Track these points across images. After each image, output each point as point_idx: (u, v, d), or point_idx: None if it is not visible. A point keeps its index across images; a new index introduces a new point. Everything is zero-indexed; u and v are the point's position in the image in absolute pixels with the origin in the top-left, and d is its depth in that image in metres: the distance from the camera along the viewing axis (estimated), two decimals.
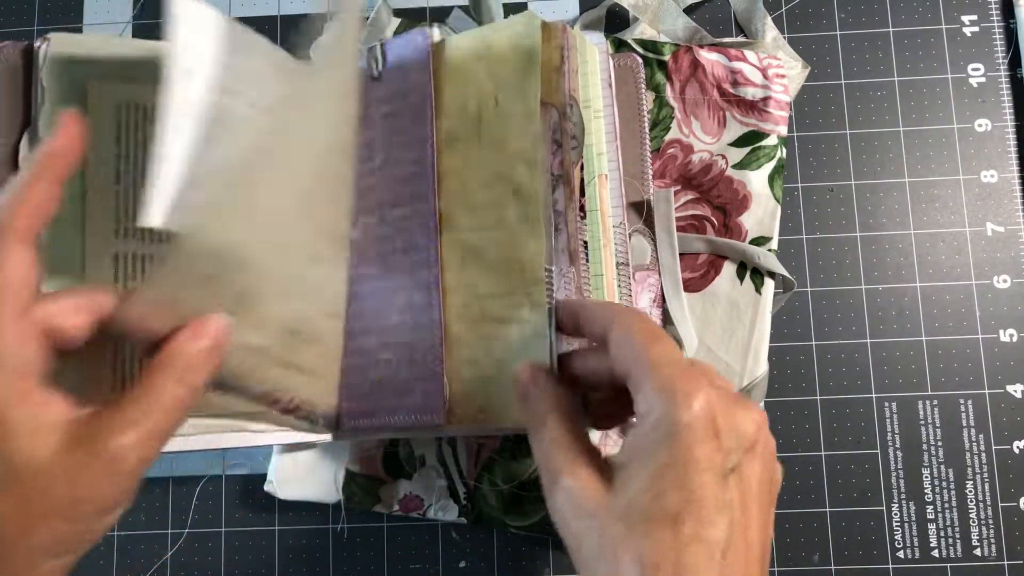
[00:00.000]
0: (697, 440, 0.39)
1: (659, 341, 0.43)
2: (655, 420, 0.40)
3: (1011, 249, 0.71)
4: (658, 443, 0.40)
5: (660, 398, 0.40)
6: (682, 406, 0.39)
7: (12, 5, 0.77)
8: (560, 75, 0.56)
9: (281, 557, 0.70)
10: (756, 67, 0.69)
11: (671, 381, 0.40)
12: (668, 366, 0.41)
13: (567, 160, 0.55)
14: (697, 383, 0.40)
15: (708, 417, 0.40)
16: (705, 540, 0.38)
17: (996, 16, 0.74)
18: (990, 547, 0.68)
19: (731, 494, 0.40)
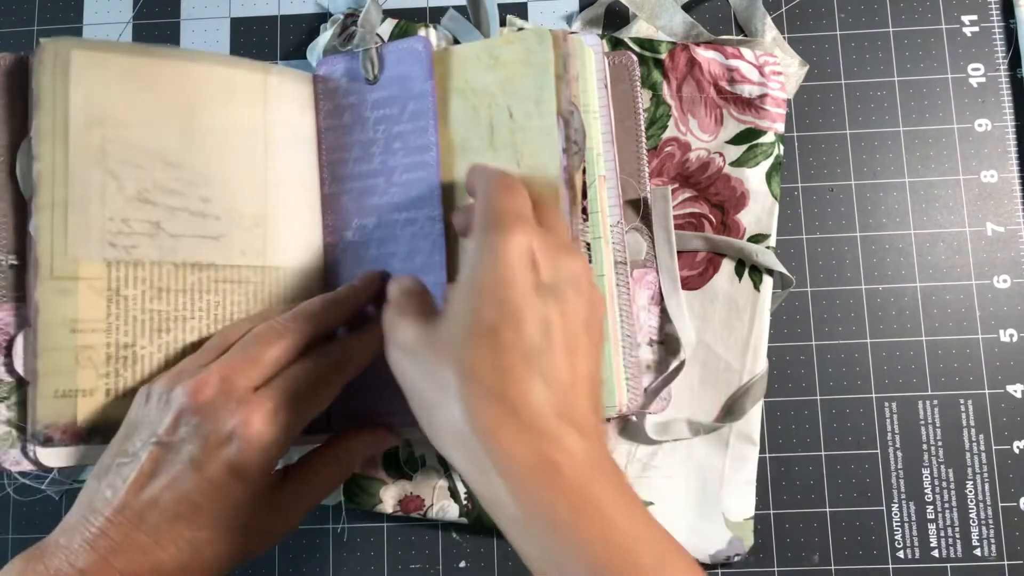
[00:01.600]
0: (513, 264, 0.42)
1: (508, 192, 0.46)
2: (475, 250, 0.43)
3: (1011, 249, 0.71)
4: (475, 267, 0.42)
5: (484, 232, 0.43)
6: (501, 239, 0.42)
7: (12, 5, 0.77)
8: (564, 83, 0.56)
9: (281, 557, 0.70)
10: (753, 64, 0.69)
11: (497, 220, 0.43)
12: (501, 212, 0.44)
13: (571, 165, 0.56)
14: (519, 226, 0.43)
15: (525, 248, 0.43)
16: (522, 347, 0.41)
17: (996, 16, 0.74)
18: (990, 547, 0.67)
19: (550, 312, 0.42)
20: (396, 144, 0.60)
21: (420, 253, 0.59)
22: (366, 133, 0.61)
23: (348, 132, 0.62)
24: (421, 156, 0.59)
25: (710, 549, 0.67)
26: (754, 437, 0.67)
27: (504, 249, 0.42)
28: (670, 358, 0.67)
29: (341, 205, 0.61)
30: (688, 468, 0.68)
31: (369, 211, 0.61)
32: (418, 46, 0.60)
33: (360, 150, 0.61)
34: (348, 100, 0.62)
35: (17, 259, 0.56)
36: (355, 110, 0.62)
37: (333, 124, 0.62)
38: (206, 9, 0.77)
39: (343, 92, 0.62)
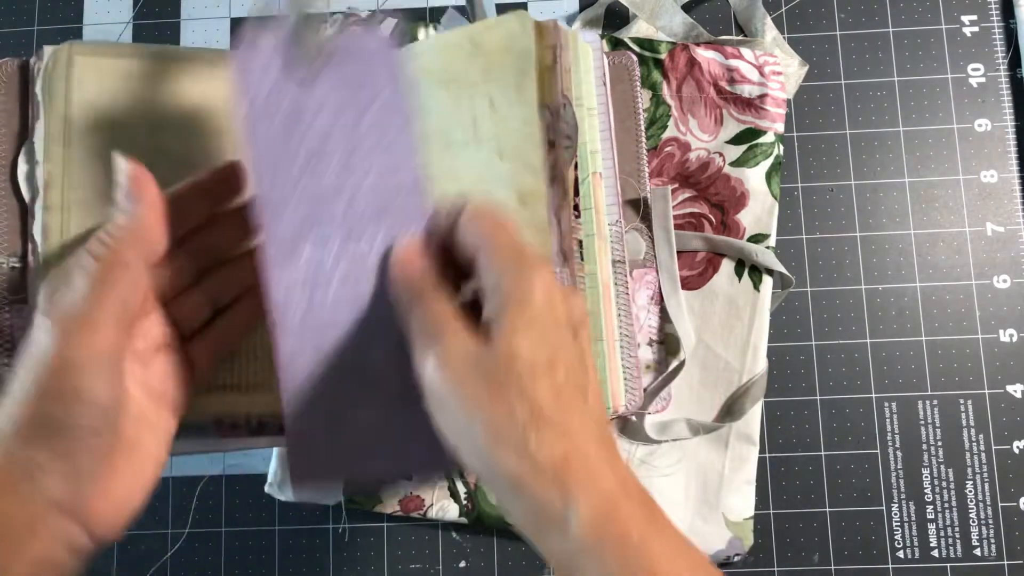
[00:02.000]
0: (547, 304, 0.43)
1: (506, 226, 0.45)
2: (509, 286, 0.43)
3: (1011, 249, 0.71)
4: (519, 303, 0.42)
5: (509, 270, 0.43)
6: (531, 276, 0.43)
7: (12, 5, 0.77)
8: (553, 74, 0.55)
9: (281, 557, 0.70)
10: (753, 64, 0.69)
11: (518, 258, 0.44)
12: (514, 248, 0.44)
13: (561, 160, 0.55)
14: (538, 261, 0.44)
15: (550, 288, 0.43)
16: (573, 384, 0.43)
17: (996, 16, 0.74)
18: (990, 547, 0.67)
19: (579, 350, 0.44)
20: (355, 159, 0.49)
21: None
22: (309, 143, 0.48)
23: (284, 140, 0.48)
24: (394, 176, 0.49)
25: (710, 549, 0.67)
26: (754, 437, 0.67)
27: (542, 286, 0.43)
28: (670, 358, 0.67)
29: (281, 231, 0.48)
30: (688, 468, 0.68)
31: (323, 240, 0.48)
32: (370, 43, 0.49)
33: (303, 164, 0.48)
34: (279, 101, 0.49)
35: (19, 262, 0.56)
36: (292, 115, 0.49)
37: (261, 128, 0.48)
38: (206, 9, 0.77)
39: (269, 92, 0.48)
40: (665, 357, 0.67)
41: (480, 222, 0.45)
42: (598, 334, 0.59)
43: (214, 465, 0.71)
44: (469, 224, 0.46)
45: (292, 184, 0.48)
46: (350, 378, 0.48)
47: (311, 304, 0.48)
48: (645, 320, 0.67)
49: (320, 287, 0.48)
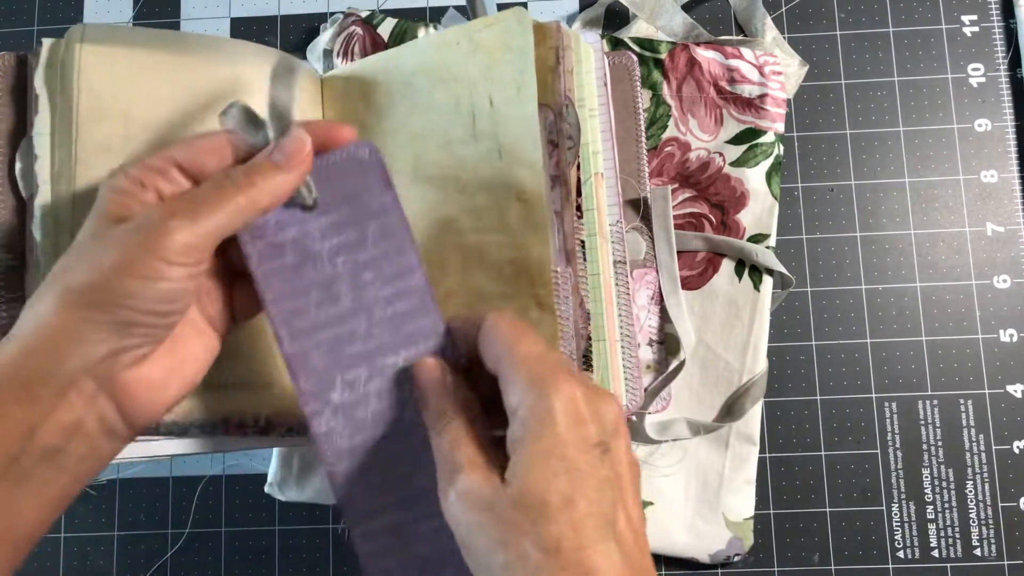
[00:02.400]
0: (570, 425, 0.41)
1: (524, 338, 0.44)
2: (528, 410, 0.42)
3: (1011, 249, 0.71)
4: (536, 431, 0.41)
5: (529, 390, 0.42)
6: (550, 395, 0.41)
7: (12, 5, 0.77)
8: (556, 75, 0.55)
9: (281, 557, 0.70)
10: (753, 64, 0.69)
11: (538, 374, 0.42)
12: (534, 360, 0.43)
13: (563, 160, 0.55)
14: (559, 375, 0.42)
15: (574, 404, 0.42)
16: (596, 515, 0.41)
17: (996, 16, 0.74)
18: (990, 547, 0.67)
19: (607, 471, 0.42)
20: (367, 275, 0.48)
21: None
22: (323, 270, 0.48)
23: (297, 274, 0.48)
24: (404, 282, 0.48)
25: (710, 549, 0.67)
26: (754, 437, 0.67)
27: (559, 409, 0.41)
28: (670, 358, 0.67)
29: (313, 364, 0.48)
30: (688, 468, 0.68)
31: (353, 361, 0.48)
32: (362, 153, 0.48)
33: (320, 292, 0.48)
34: (285, 235, 0.48)
35: (15, 259, 0.56)
36: (299, 245, 0.48)
37: (273, 268, 0.48)
38: (206, 9, 0.77)
39: (275, 227, 0.48)
40: (665, 357, 0.67)
41: (499, 334, 0.45)
42: (599, 335, 0.59)
43: (214, 465, 0.71)
44: (488, 336, 0.45)
45: (313, 314, 0.48)
46: (406, 494, 0.48)
47: (354, 425, 0.48)
48: (645, 320, 0.67)
49: (359, 406, 0.48)
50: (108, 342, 0.42)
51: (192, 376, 0.47)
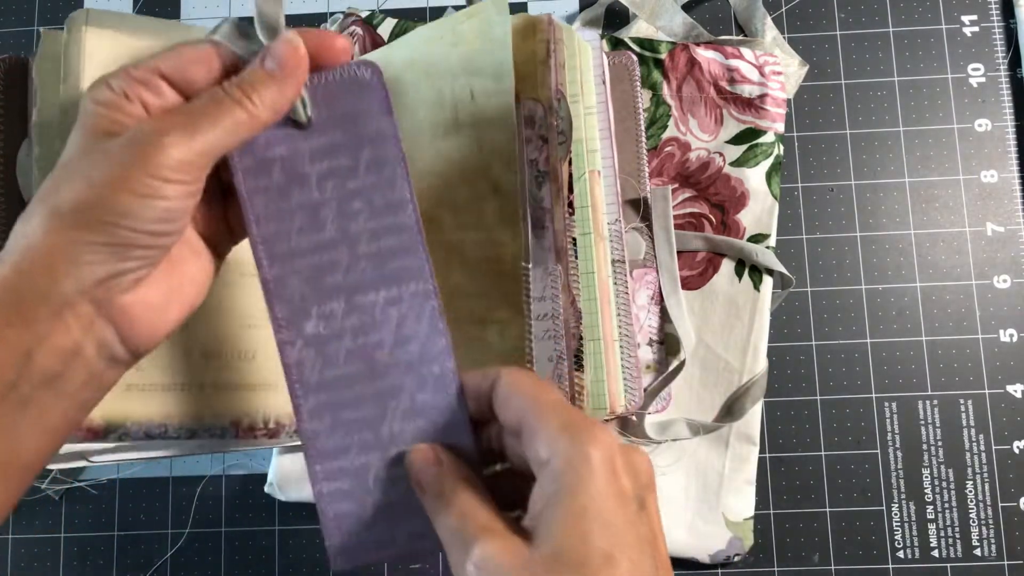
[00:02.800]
0: (607, 477, 0.39)
1: (548, 389, 0.42)
2: (563, 462, 0.39)
3: (1011, 249, 0.71)
4: (572, 485, 0.38)
5: (563, 439, 0.39)
6: (587, 445, 0.39)
7: (12, 5, 0.77)
8: (546, 69, 0.55)
9: (281, 557, 0.70)
10: (753, 64, 0.69)
11: (571, 423, 0.40)
12: (563, 410, 0.41)
13: (554, 156, 0.54)
14: (593, 424, 0.40)
15: (610, 455, 0.39)
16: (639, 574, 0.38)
17: (996, 16, 0.74)
18: (990, 547, 0.67)
19: (644, 528, 0.40)
20: (355, 204, 0.46)
21: (414, 339, 0.46)
22: (309, 193, 0.46)
23: (283, 194, 0.46)
24: (393, 217, 0.46)
25: (710, 549, 0.67)
26: (754, 437, 0.67)
27: (596, 458, 0.39)
28: (670, 358, 0.67)
29: (290, 290, 0.46)
30: (688, 468, 0.68)
31: (331, 293, 0.46)
32: (363, 74, 0.45)
33: (305, 216, 0.46)
34: (274, 152, 0.46)
35: None
36: (287, 164, 0.46)
37: (259, 185, 0.46)
38: (206, 9, 0.77)
39: (264, 143, 0.45)
40: (665, 357, 0.67)
41: (520, 387, 0.42)
42: (594, 334, 0.59)
43: (214, 465, 0.71)
44: (508, 390, 0.43)
45: (295, 239, 0.46)
46: (373, 441, 0.46)
47: (325, 359, 0.46)
48: (645, 320, 0.67)
49: (332, 341, 0.46)
50: (105, 264, 0.40)
51: (191, 299, 0.45)
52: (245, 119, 0.41)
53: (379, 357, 0.46)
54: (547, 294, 0.54)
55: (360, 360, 0.46)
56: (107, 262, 0.40)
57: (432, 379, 0.45)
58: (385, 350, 0.46)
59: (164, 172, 0.39)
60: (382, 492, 0.45)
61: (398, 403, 0.45)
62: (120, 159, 0.39)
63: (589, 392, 0.59)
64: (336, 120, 0.45)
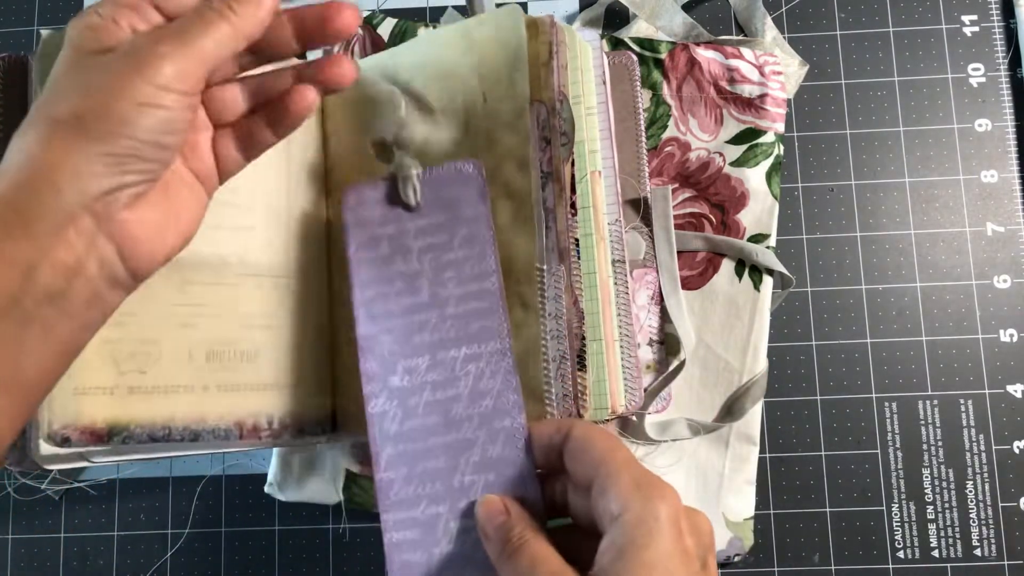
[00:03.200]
0: (675, 536, 0.40)
1: (620, 445, 0.44)
2: (634, 517, 0.40)
3: (1011, 249, 0.71)
4: (642, 539, 0.40)
5: (635, 495, 0.41)
6: (658, 504, 0.40)
7: (12, 5, 0.77)
8: (549, 71, 0.55)
9: (281, 557, 0.70)
10: (753, 64, 0.69)
11: (643, 481, 0.41)
12: (635, 467, 0.42)
13: (557, 157, 0.54)
14: (663, 485, 0.42)
15: (677, 515, 0.41)
16: None
17: (996, 16, 0.74)
18: (990, 547, 0.67)
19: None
20: (448, 274, 0.52)
21: (488, 394, 0.50)
22: (410, 264, 0.53)
23: (387, 264, 0.54)
24: (479, 284, 0.52)
25: None
26: (754, 437, 0.67)
27: (668, 519, 0.40)
28: (670, 358, 0.67)
29: (381, 347, 0.52)
30: (688, 468, 0.68)
31: (419, 350, 0.52)
32: (468, 168, 0.53)
33: (404, 283, 0.53)
34: (386, 230, 0.54)
35: None
36: (395, 240, 0.54)
37: (368, 256, 0.54)
38: None
39: (379, 221, 0.54)
40: (665, 357, 0.67)
41: (594, 442, 0.44)
42: (596, 334, 0.59)
43: (214, 465, 0.71)
44: (581, 443, 0.44)
45: (392, 302, 0.53)
46: (444, 492, 0.49)
47: (406, 411, 0.51)
48: (645, 320, 0.67)
49: (414, 394, 0.51)
50: (106, 176, 0.39)
51: (187, 227, 0.45)
52: (229, 31, 0.41)
53: (455, 410, 0.50)
54: (550, 294, 0.54)
55: (437, 413, 0.50)
56: (109, 174, 0.39)
57: (503, 433, 0.49)
58: (461, 404, 0.50)
59: (162, 79, 0.39)
60: (450, 544, 0.48)
61: (470, 456, 0.49)
62: (117, 68, 0.39)
63: (591, 392, 0.59)
64: (441, 204, 0.53)
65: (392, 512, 0.49)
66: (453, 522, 0.48)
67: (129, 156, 0.39)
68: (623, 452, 0.43)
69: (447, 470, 0.49)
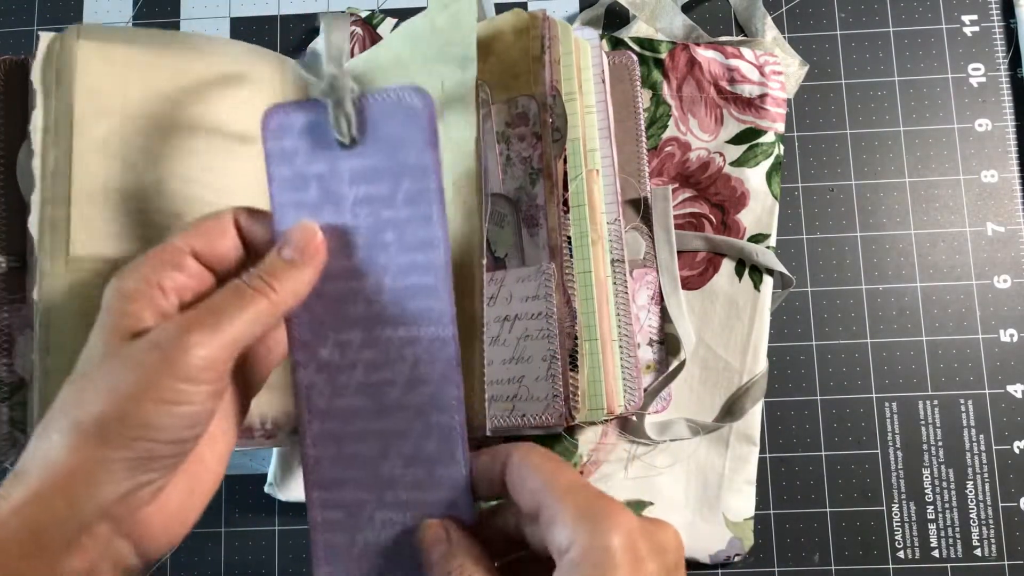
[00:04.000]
0: (629, 569, 0.36)
1: (564, 468, 0.40)
2: (580, 552, 0.37)
3: (1011, 249, 0.71)
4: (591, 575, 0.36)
5: (581, 527, 0.37)
6: (607, 533, 0.37)
7: (12, 5, 0.77)
8: (541, 65, 0.55)
9: (281, 557, 0.70)
10: (753, 64, 0.69)
11: (589, 508, 0.38)
12: (580, 492, 0.38)
13: (548, 153, 0.54)
14: (613, 507, 0.38)
15: (631, 541, 0.37)
16: None
17: (996, 16, 0.74)
18: (990, 547, 0.67)
19: None
20: (387, 235, 0.43)
21: (426, 383, 0.44)
22: (343, 216, 0.44)
23: (315, 212, 0.44)
24: (424, 255, 0.43)
25: (710, 549, 0.67)
26: (754, 437, 0.67)
27: (617, 548, 0.36)
28: (670, 358, 0.67)
29: (311, 311, 0.45)
30: (688, 468, 0.68)
31: (351, 323, 0.44)
32: (414, 101, 0.42)
33: (334, 239, 0.44)
34: (314, 168, 0.44)
35: (17, 260, 0.56)
36: (325, 184, 0.44)
37: (292, 200, 0.44)
38: (206, 9, 0.77)
39: (307, 156, 0.44)
40: (665, 357, 0.67)
41: (533, 467, 0.40)
42: (591, 334, 0.59)
43: None
44: (520, 472, 0.41)
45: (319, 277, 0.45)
46: (372, 480, 0.45)
47: (335, 388, 0.45)
48: (645, 320, 0.67)
49: (344, 371, 0.45)
50: (125, 481, 0.38)
51: (209, 491, 0.44)
52: (267, 307, 0.41)
53: (389, 396, 0.44)
54: (540, 293, 0.54)
55: (369, 396, 0.45)
56: (128, 478, 0.38)
57: (439, 429, 0.44)
58: (396, 390, 0.44)
59: (192, 373, 0.38)
60: (373, 532, 0.45)
61: (401, 447, 0.44)
62: (146, 365, 0.38)
63: (585, 392, 0.59)
64: (380, 144, 0.43)
65: (318, 490, 0.46)
66: (379, 512, 0.45)
67: (149, 459, 0.39)
68: (566, 476, 0.39)
69: (376, 458, 0.45)
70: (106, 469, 0.38)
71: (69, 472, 0.37)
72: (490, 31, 0.59)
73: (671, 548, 0.39)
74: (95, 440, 0.37)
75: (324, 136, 0.43)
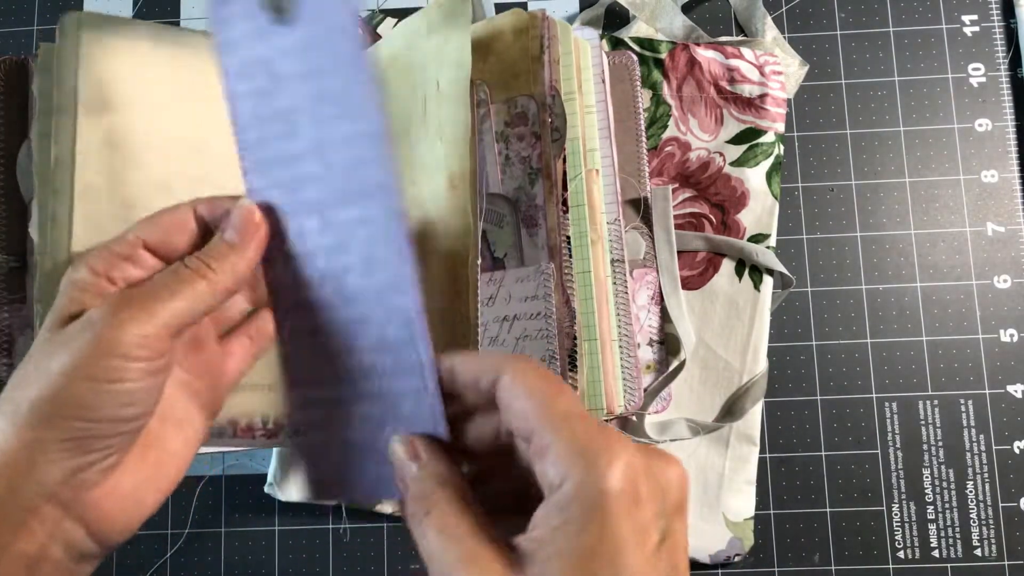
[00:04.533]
0: (625, 513, 0.32)
1: (562, 392, 0.36)
2: (572, 490, 0.33)
3: (1011, 249, 0.71)
4: (581, 520, 0.32)
5: (576, 463, 0.33)
6: (604, 472, 0.33)
7: (12, 5, 0.77)
8: (540, 65, 0.55)
9: (281, 557, 0.70)
10: (753, 64, 0.69)
11: (587, 441, 0.33)
12: (578, 422, 0.34)
13: (547, 153, 0.54)
14: (614, 441, 0.34)
15: (631, 480, 0.33)
16: None
17: (996, 16, 0.74)
18: (990, 547, 0.67)
19: (664, 564, 0.34)
20: (327, 109, 0.41)
21: (381, 265, 0.42)
22: (283, 97, 0.42)
23: (266, 99, 0.43)
24: (364, 123, 0.40)
25: (710, 549, 0.67)
26: (754, 437, 0.67)
27: (613, 496, 0.32)
28: (671, 358, 0.67)
29: (271, 205, 0.44)
30: (688, 468, 0.67)
31: (308, 209, 0.43)
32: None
33: (281, 123, 0.42)
34: (254, 52, 0.42)
35: (17, 261, 0.56)
36: (267, 67, 0.42)
37: (245, 89, 0.43)
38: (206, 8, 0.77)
39: (249, 37, 0.42)
40: (666, 357, 0.67)
41: (529, 387, 0.36)
42: (591, 334, 0.59)
43: (214, 465, 0.71)
44: (513, 390, 0.36)
45: (274, 147, 0.43)
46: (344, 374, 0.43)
47: (301, 281, 0.44)
48: (645, 320, 0.67)
49: (308, 261, 0.43)
50: (66, 462, 0.38)
51: (173, 476, 0.43)
52: (205, 287, 0.41)
53: (350, 281, 0.42)
54: (539, 293, 0.54)
55: (332, 284, 0.43)
56: (67, 459, 0.38)
57: (398, 312, 0.41)
58: (356, 274, 0.42)
59: (123, 349, 0.38)
60: (350, 429, 0.43)
61: (367, 334, 0.42)
62: (76, 343, 0.38)
63: (584, 392, 0.59)
64: (306, 12, 0.41)
65: (295, 389, 0.45)
66: (353, 406, 0.43)
67: (86, 438, 0.38)
68: (564, 401, 0.35)
69: (346, 350, 0.43)
70: (43, 450, 0.38)
71: (8, 455, 0.37)
72: (489, 31, 0.59)
73: (673, 487, 0.35)
74: (32, 422, 0.38)
75: (261, 16, 0.41)
